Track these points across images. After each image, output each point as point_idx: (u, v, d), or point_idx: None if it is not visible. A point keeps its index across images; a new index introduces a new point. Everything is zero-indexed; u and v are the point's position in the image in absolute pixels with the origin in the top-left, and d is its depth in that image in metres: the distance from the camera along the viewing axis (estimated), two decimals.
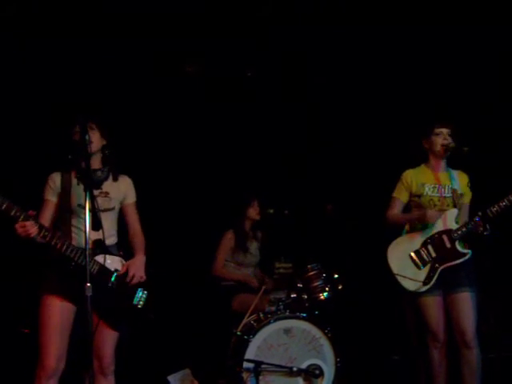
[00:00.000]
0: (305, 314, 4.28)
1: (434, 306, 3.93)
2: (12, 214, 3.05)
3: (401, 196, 4.10)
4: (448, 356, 3.99)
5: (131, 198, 3.58)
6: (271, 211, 4.85)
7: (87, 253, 3.03)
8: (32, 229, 3.07)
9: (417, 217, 4.01)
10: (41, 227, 3.12)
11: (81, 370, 3.26)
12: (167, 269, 4.95)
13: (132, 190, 3.59)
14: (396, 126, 5.24)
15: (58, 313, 3.24)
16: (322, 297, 4.45)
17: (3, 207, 3.02)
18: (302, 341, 4.18)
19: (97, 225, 3.12)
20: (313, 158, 5.54)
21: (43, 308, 3.26)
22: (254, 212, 4.99)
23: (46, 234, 3.14)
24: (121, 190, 3.52)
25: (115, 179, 3.50)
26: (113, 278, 3.36)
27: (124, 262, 3.46)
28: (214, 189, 5.35)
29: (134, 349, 4.43)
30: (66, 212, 3.33)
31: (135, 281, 3.42)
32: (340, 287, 4.50)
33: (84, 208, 3.08)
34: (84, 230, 3.11)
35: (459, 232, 3.93)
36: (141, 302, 3.46)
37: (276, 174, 5.48)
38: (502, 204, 3.85)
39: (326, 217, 5.05)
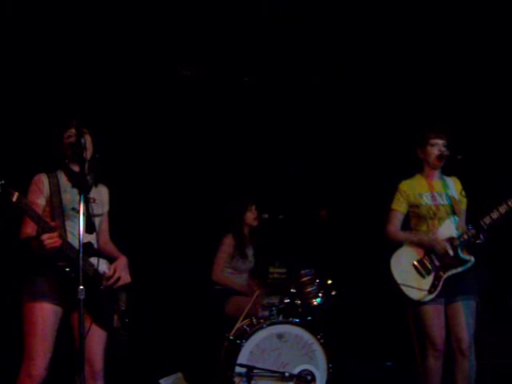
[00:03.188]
0: (298, 320, 4.28)
1: (435, 315, 3.92)
2: (41, 225, 3.04)
3: (400, 208, 4.08)
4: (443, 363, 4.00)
5: (107, 206, 3.58)
6: (266, 216, 4.85)
7: (81, 256, 2.99)
8: (57, 241, 3.05)
9: (426, 242, 3.97)
10: (61, 236, 3.11)
11: (72, 374, 3.24)
12: (161, 273, 4.96)
13: (107, 199, 3.58)
14: (392, 133, 5.25)
15: (47, 317, 3.17)
16: (315, 302, 4.44)
17: (35, 220, 3.02)
18: (294, 346, 4.17)
19: (90, 228, 3.12)
20: (308, 164, 5.54)
21: (30, 313, 3.18)
22: (251, 217, 4.97)
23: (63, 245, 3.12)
24: (102, 198, 3.52)
25: (96, 185, 3.49)
26: (104, 282, 3.34)
27: (109, 264, 3.43)
28: (210, 194, 5.34)
29: (127, 352, 4.43)
30: (58, 216, 3.28)
31: (121, 283, 3.39)
32: (333, 293, 4.50)
33: (78, 212, 3.06)
34: (75, 233, 3.14)
35: (461, 239, 3.94)
36: (123, 304, 3.45)
37: (271, 179, 5.48)
38: (494, 215, 3.88)
39: (321, 222, 5.04)
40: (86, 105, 4.35)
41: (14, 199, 2.97)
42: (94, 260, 3.31)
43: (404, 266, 3.99)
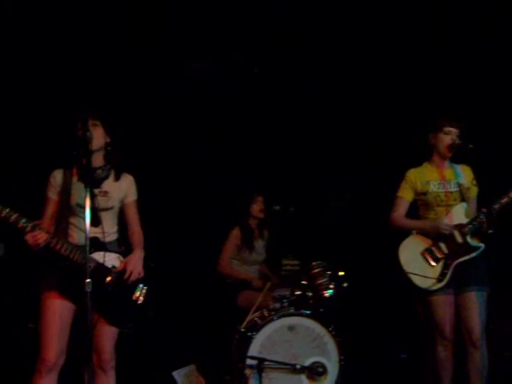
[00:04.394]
0: (309, 312, 4.26)
1: (443, 305, 3.89)
2: (19, 225, 3.11)
3: (406, 195, 4.07)
4: (454, 354, 3.95)
5: (132, 196, 3.57)
6: (277, 208, 4.82)
7: (87, 249, 3.07)
8: (41, 238, 3.14)
9: (429, 227, 3.96)
10: (48, 235, 3.18)
11: (81, 365, 3.28)
12: (173, 265, 4.97)
13: (133, 188, 3.57)
14: (402, 123, 5.19)
15: (58, 311, 3.27)
16: (326, 294, 4.42)
17: (11, 219, 3.09)
18: (305, 338, 4.15)
19: (96, 221, 3.16)
20: (318, 155, 5.50)
21: (43, 305, 3.30)
22: (257, 209, 4.98)
23: (51, 240, 3.18)
24: (121, 189, 3.51)
25: (117, 179, 3.49)
26: (110, 276, 3.37)
27: (122, 258, 3.46)
28: (219, 186, 5.34)
29: (140, 344, 4.47)
30: (64, 209, 3.34)
31: (133, 277, 3.42)
32: (345, 285, 4.47)
33: (82, 207, 3.12)
34: (82, 228, 3.18)
35: (470, 226, 3.89)
36: (141, 298, 3.46)
37: (282, 171, 5.45)
38: (503, 201, 3.83)
39: (331, 214, 5.01)
40: (93, 98, 4.38)
41: None
42: (99, 254, 3.34)
43: (412, 255, 3.96)
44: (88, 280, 3.01)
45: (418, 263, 3.93)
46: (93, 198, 3.14)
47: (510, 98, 4.91)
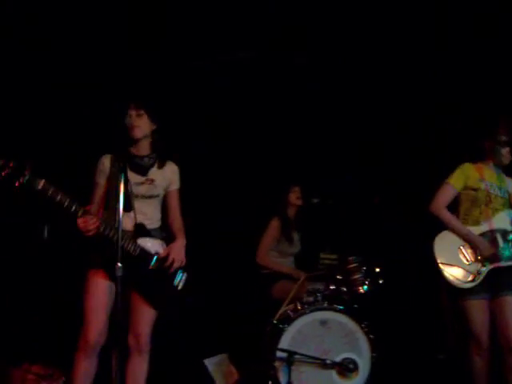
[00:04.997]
0: (342, 307, 4.21)
1: (478, 310, 3.78)
2: (72, 210, 3.16)
3: (456, 183, 3.92)
4: (491, 360, 3.82)
5: (175, 184, 3.61)
6: (315, 201, 4.77)
7: (119, 234, 3.10)
8: (93, 224, 3.20)
9: (468, 239, 3.83)
10: (98, 220, 3.24)
11: (112, 348, 3.33)
12: (209, 254, 5.00)
13: (177, 177, 3.62)
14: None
15: (98, 291, 3.35)
16: (361, 290, 4.36)
17: (65, 204, 3.14)
18: (337, 333, 4.12)
19: (128, 206, 3.21)
20: (361, 149, 5.41)
21: (86, 286, 3.38)
22: (294, 197, 4.93)
23: (101, 225, 3.24)
24: (166, 177, 3.56)
25: (161, 166, 3.53)
26: (153, 261, 3.43)
27: (165, 245, 3.52)
28: (258, 176, 5.32)
29: (173, 330, 4.50)
30: (111, 195, 3.40)
31: (176, 265, 3.47)
32: (381, 281, 4.39)
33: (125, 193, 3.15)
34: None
35: None
36: (181, 284, 3.51)
37: (323, 163, 5.39)
38: None
39: (373, 209, 4.93)
40: (138, 86, 4.42)
41: (40, 187, 3.08)
42: (144, 240, 3.41)
43: (449, 246, 3.85)
44: (119, 264, 3.05)
45: (453, 256, 3.82)
46: (126, 183, 3.18)
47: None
